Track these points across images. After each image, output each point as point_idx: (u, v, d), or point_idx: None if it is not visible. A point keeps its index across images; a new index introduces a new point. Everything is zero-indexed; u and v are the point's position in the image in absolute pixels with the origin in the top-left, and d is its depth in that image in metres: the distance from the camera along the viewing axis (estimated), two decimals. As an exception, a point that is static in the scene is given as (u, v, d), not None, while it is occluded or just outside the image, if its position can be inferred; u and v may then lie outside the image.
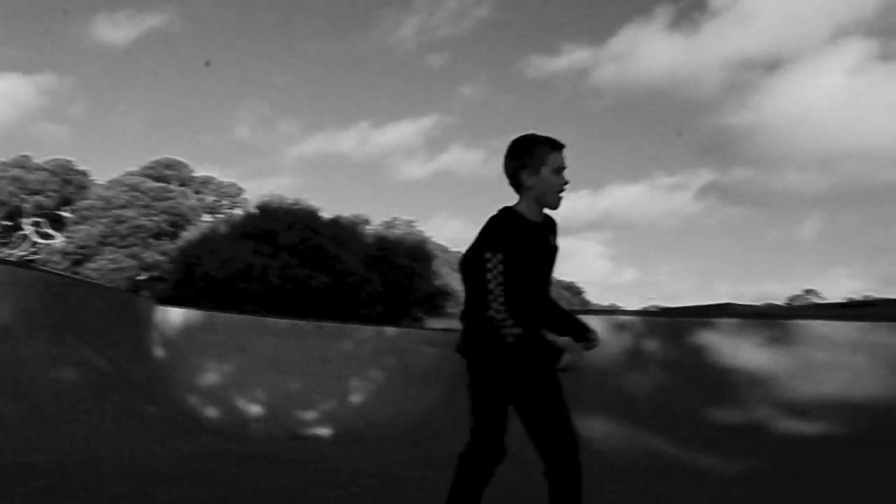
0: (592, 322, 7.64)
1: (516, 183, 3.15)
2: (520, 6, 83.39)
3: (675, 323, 7.08)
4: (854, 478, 5.18)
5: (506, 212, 3.13)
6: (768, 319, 7.20)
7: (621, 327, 7.35)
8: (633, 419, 6.43)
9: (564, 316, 3.32)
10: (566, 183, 3.18)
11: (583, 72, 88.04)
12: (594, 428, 6.53)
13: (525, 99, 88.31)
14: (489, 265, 2.93)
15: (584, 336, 3.23)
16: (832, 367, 6.62)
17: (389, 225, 39.53)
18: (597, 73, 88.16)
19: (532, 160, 3.12)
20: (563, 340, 3.14)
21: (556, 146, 3.18)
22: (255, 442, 7.43)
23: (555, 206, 3.22)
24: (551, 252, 3.23)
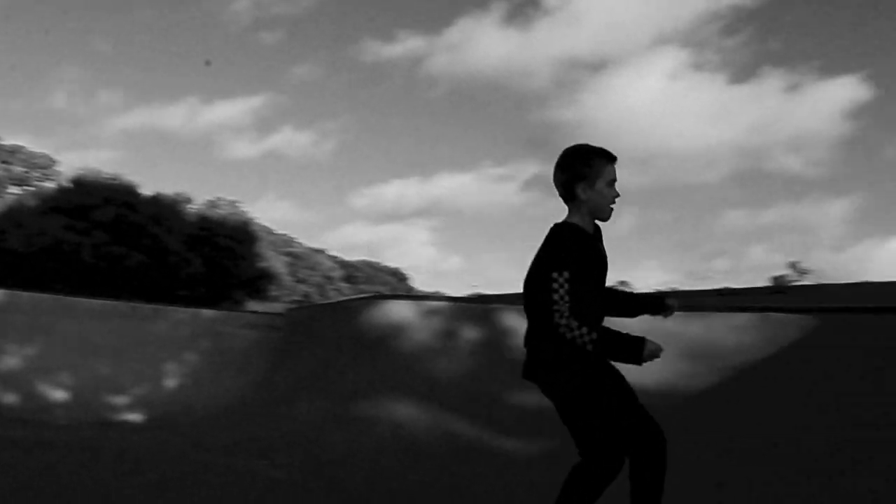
0: (403, 308, 7.85)
1: (570, 195, 3.11)
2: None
3: (484, 309, 7.35)
4: None
5: (566, 227, 3.09)
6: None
7: (431, 313, 7.56)
8: (439, 403, 6.64)
9: (631, 299, 3.42)
10: (618, 196, 3.18)
11: (417, 60, 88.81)
12: (402, 412, 6.71)
13: (359, 83, 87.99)
14: (556, 284, 2.91)
15: (661, 306, 3.34)
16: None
17: (212, 204, 38.43)
18: (431, 62, 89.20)
19: (589, 172, 3.09)
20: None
21: (611, 158, 3.17)
22: (56, 429, 7.12)
23: (607, 219, 3.19)
24: (605, 260, 3.19)
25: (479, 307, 7.56)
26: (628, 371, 3.13)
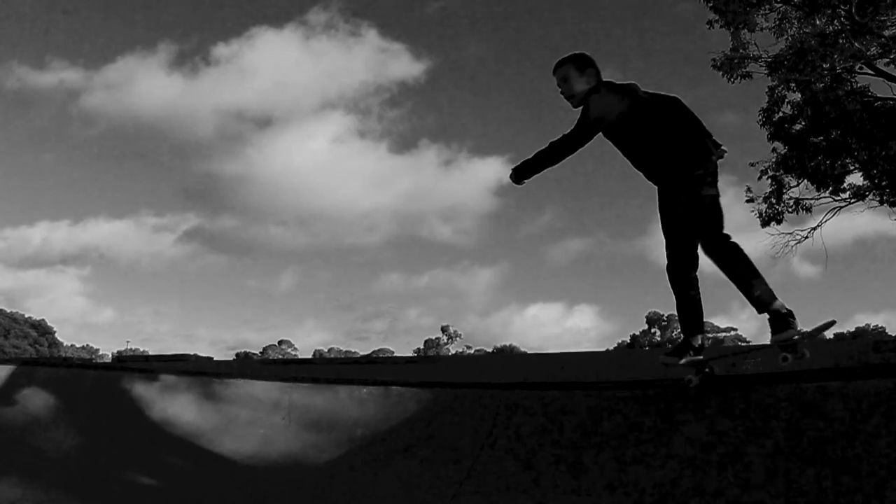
0: (16, 373, 7.33)
1: None
2: (4, 11, 76.62)
3: (111, 376, 7.11)
4: None
5: None
6: (201, 376, 7.59)
7: (48, 380, 7.16)
8: (46, 482, 6.26)
9: None
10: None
11: (73, 93, 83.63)
12: (6, 492, 6.20)
13: (4, 109, 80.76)
14: None
15: None
16: (254, 423, 7.21)
17: None
18: (88, 98, 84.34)
19: None
20: None
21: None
22: None
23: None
24: None
25: (107, 374, 7.30)
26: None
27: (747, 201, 23.03)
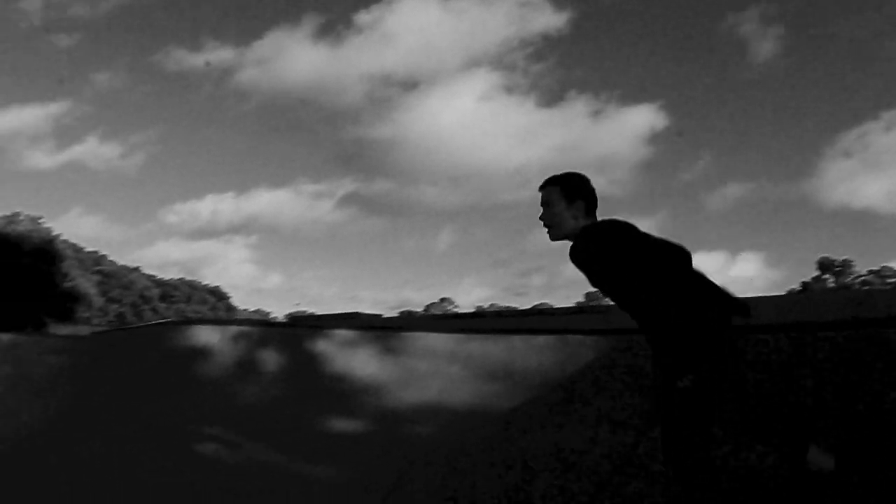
0: (207, 332, 7.84)
1: None
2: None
3: (292, 333, 7.49)
4: (449, 470, 5.86)
5: None
6: (380, 331, 7.88)
7: (237, 337, 7.61)
8: (246, 431, 6.69)
9: None
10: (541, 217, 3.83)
11: (226, 71, 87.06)
12: (208, 441, 6.70)
13: (165, 93, 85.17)
14: None
15: None
16: (432, 375, 7.41)
17: (10, 220, 36.06)
18: (241, 74, 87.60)
19: None
20: None
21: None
22: None
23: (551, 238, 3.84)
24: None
25: (284, 331, 7.68)
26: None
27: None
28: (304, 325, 7.65)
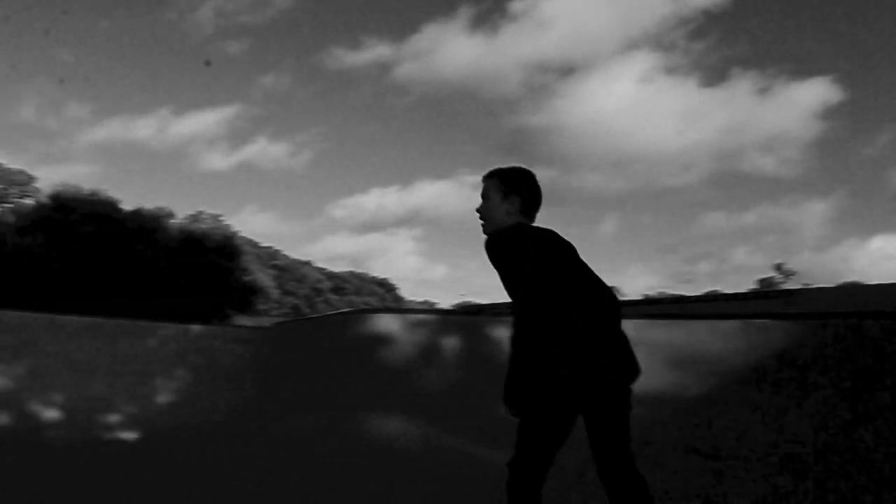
0: (390, 321, 7.86)
1: None
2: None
3: (471, 321, 7.39)
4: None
5: None
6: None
7: (418, 325, 7.58)
8: (429, 417, 6.65)
9: None
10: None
11: (385, 67, 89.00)
12: (392, 427, 6.71)
13: (328, 92, 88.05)
14: None
15: None
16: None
17: (195, 218, 38.33)
18: (399, 70, 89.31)
19: None
20: None
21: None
22: (52, 450, 7.09)
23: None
24: None
25: (466, 318, 7.59)
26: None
27: None
28: (483, 313, 7.51)
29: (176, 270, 30.46)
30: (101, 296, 25.86)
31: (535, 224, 3.59)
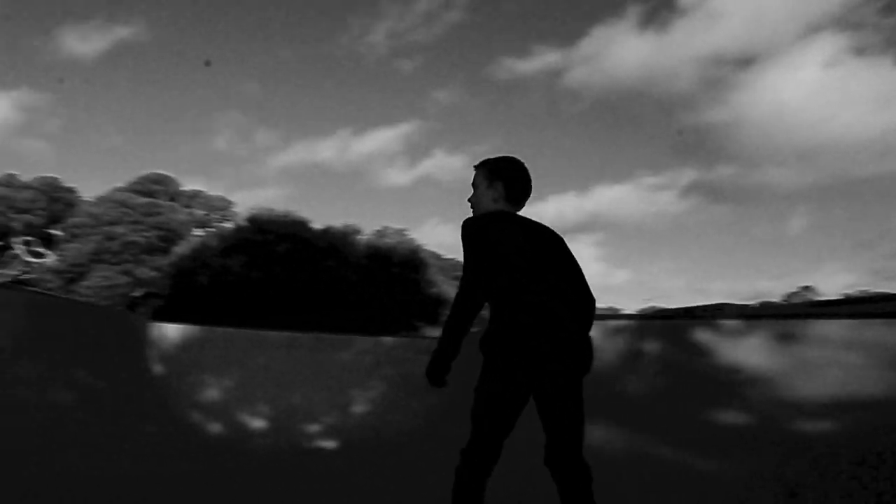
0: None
1: None
2: (488, 8, 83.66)
3: (672, 325, 7.06)
4: (853, 475, 5.18)
5: None
6: (765, 319, 7.19)
7: (616, 331, 7.33)
8: (632, 424, 6.41)
9: None
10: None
11: (555, 73, 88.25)
12: (595, 434, 6.52)
13: (499, 102, 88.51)
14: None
15: None
16: (828, 365, 6.63)
17: (381, 234, 39.52)
18: (570, 75, 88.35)
19: None
20: None
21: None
22: (261, 457, 7.40)
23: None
24: None
25: (663, 323, 7.28)
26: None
27: None
28: (683, 316, 7.18)
29: (365, 285, 31.46)
30: (297, 311, 27.10)
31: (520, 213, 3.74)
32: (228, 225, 41.28)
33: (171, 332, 10.80)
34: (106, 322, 10.04)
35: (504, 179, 3.73)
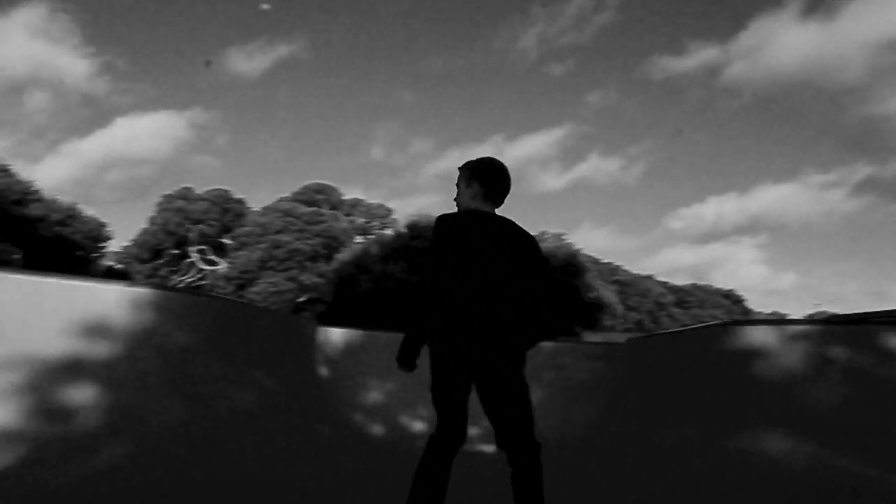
0: (762, 333, 7.32)
1: None
2: (641, 8, 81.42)
3: (856, 331, 6.62)
4: None
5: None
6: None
7: (796, 337, 6.95)
8: (815, 435, 6.05)
9: None
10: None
11: (713, 70, 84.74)
12: (775, 445, 6.22)
13: (654, 102, 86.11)
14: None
15: None
16: None
17: (539, 239, 39.37)
18: (729, 71, 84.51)
19: None
20: None
21: None
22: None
23: None
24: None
25: (846, 329, 6.83)
26: None
27: None
28: (871, 322, 6.70)
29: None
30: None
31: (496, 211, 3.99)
32: (388, 232, 42.35)
33: (335, 336, 11.14)
34: (278, 325, 10.47)
35: (480, 179, 3.96)
